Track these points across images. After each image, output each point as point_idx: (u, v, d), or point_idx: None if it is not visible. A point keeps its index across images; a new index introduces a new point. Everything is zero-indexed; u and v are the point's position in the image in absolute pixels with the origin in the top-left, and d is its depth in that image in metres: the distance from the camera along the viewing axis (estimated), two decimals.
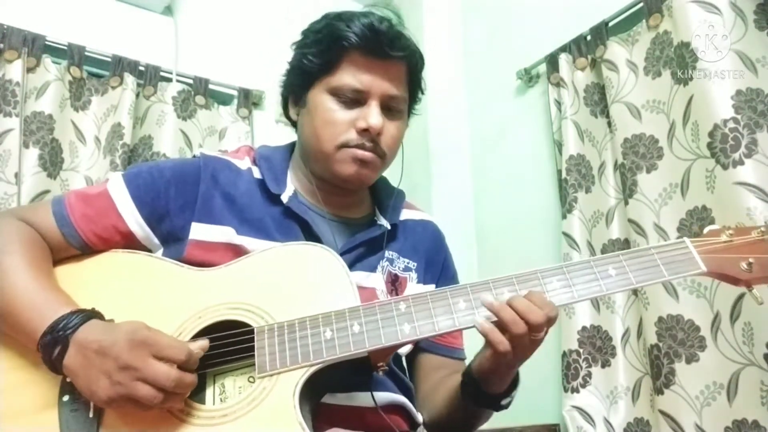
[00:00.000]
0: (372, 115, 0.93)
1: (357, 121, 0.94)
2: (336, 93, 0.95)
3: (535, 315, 0.75)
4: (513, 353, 0.77)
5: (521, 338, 0.75)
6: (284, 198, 0.96)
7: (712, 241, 0.83)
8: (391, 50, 0.93)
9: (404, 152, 1.09)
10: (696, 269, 0.81)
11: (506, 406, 0.89)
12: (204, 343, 0.76)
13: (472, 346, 1.08)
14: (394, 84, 0.96)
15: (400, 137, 1.01)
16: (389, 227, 1.02)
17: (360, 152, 0.94)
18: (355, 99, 0.95)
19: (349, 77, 0.94)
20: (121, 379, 0.69)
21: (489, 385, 0.85)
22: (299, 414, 0.72)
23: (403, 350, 1.01)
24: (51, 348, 0.73)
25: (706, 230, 0.86)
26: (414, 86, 1.03)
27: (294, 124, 1.06)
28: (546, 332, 0.77)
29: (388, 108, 0.97)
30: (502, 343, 0.76)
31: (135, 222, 0.91)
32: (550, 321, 0.76)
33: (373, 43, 0.92)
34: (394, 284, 0.99)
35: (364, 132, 0.93)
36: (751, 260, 0.81)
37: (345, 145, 0.94)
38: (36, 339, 0.74)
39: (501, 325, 0.76)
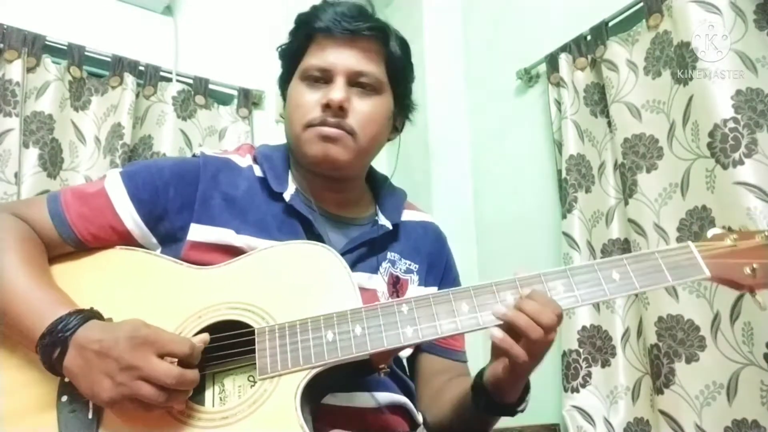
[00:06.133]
0: (333, 90, 0.93)
1: (321, 99, 0.94)
2: (305, 77, 0.97)
3: (546, 316, 0.75)
4: (530, 360, 0.76)
5: (538, 342, 0.75)
6: (286, 196, 0.95)
7: (716, 245, 0.82)
8: (352, 25, 0.93)
9: (401, 148, 1.07)
10: (700, 274, 0.80)
11: (522, 411, 0.88)
12: (204, 336, 0.76)
13: (470, 348, 1.08)
14: (362, 60, 0.95)
15: (375, 116, 0.97)
16: (391, 227, 1.01)
17: (324, 129, 0.93)
18: (321, 78, 0.95)
19: (314, 58, 0.96)
20: (124, 380, 0.68)
21: (504, 395, 0.84)
22: (301, 417, 0.72)
23: (404, 353, 1.01)
24: (50, 350, 0.72)
25: (710, 234, 0.85)
26: (392, 65, 0.99)
27: None
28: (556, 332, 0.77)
29: (358, 85, 0.96)
30: (521, 356, 0.75)
31: (132, 221, 0.89)
32: (560, 319, 0.76)
33: (335, 23, 0.93)
34: (396, 286, 0.98)
35: (327, 108, 0.93)
36: (755, 265, 0.79)
37: (310, 125, 0.94)
38: (34, 340, 0.73)
39: (515, 332, 0.75)
